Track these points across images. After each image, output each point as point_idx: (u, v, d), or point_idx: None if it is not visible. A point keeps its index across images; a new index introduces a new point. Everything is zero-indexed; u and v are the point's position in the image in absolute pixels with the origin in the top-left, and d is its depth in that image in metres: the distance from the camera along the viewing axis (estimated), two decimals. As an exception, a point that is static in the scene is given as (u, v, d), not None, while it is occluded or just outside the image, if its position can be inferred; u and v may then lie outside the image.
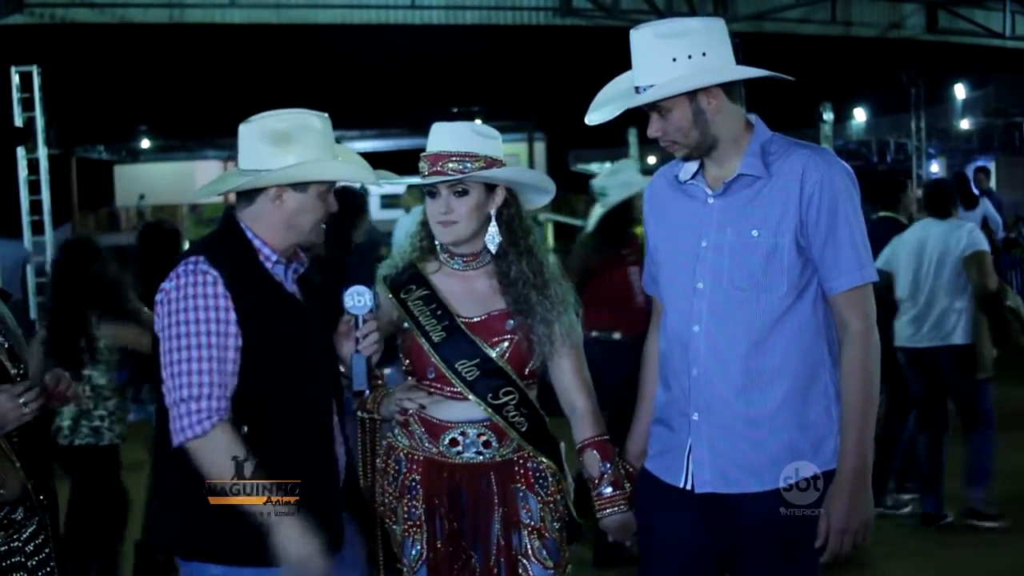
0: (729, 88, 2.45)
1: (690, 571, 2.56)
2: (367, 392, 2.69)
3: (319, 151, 2.46)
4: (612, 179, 5.33)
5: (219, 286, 2.35)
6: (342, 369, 2.62)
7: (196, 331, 2.33)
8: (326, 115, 2.52)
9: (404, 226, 8.99)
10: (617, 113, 2.50)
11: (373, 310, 2.57)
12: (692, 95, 2.41)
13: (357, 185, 4.84)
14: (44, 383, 2.43)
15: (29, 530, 2.38)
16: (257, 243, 2.48)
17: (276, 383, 2.42)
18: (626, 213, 5.20)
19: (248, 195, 2.49)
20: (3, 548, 2.32)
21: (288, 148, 2.43)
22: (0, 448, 2.30)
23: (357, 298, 2.55)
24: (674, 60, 2.39)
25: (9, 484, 2.33)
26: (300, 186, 2.45)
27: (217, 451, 2.31)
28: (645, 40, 2.43)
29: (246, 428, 2.37)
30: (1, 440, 2.29)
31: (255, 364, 2.39)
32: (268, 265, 2.48)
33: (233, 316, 2.35)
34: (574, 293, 2.84)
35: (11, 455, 2.32)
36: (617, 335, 5.10)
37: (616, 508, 2.70)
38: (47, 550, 2.43)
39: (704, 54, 2.40)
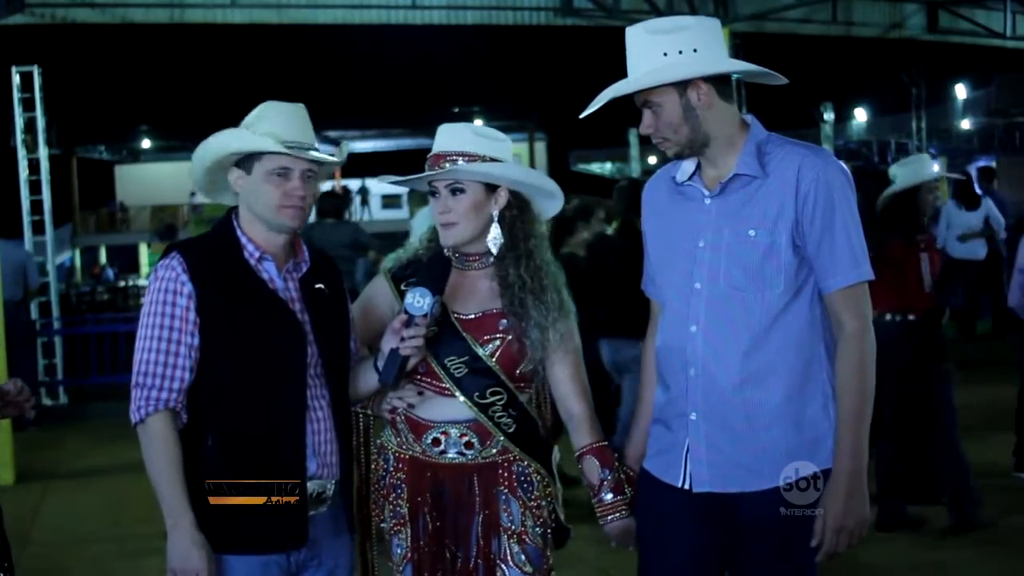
0: (721, 87, 2.45)
1: (690, 570, 2.56)
2: (392, 385, 2.70)
3: (272, 132, 2.51)
4: (903, 168, 5.63)
5: (185, 284, 2.46)
6: (379, 364, 2.63)
7: (153, 323, 2.47)
8: (299, 105, 2.58)
9: (416, 227, 8.97)
10: (603, 103, 2.50)
11: (428, 315, 2.59)
12: (681, 90, 2.42)
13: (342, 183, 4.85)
14: (3, 389, 2.44)
15: None
16: (243, 240, 2.56)
17: (237, 378, 2.48)
18: (911, 201, 5.47)
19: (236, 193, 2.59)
20: None
21: (242, 133, 2.53)
22: None
23: (419, 299, 2.58)
24: (665, 55, 2.40)
25: None
26: (247, 167, 2.54)
27: (148, 438, 2.45)
28: (638, 36, 2.45)
29: (210, 421, 2.47)
30: None
31: (219, 357, 2.47)
32: (252, 262, 2.54)
33: (192, 315, 2.46)
34: (572, 300, 2.83)
35: None
36: (909, 316, 5.40)
37: (618, 514, 2.70)
38: None
39: (695, 50, 2.41)
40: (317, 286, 2.63)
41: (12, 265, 9.25)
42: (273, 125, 2.52)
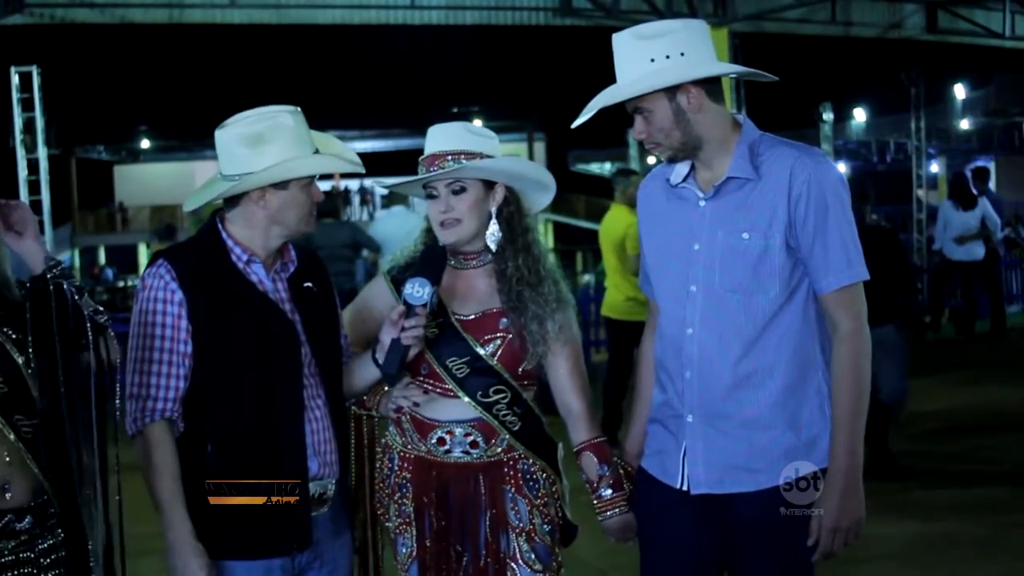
0: (710, 88, 2.45)
1: (689, 571, 2.57)
2: (394, 377, 2.69)
3: (295, 147, 2.51)
4: None
5: (175, 292, 2.45)
6: (378, 357, 2.64)
7: (144, 333, 2.47)
8: (298, 109, 2.56)
9: (387, 226, 8.93)
10: (593, 113, 2.51)
11: (427, 305, 2.59)
12: (671, 95, 2.42)
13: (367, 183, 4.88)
14: None
15: (48, 543, 2.27)
16: (230, 243, 2.54)
17: (234, 382, 2.48)
18: None
19: (233, 198, 2.54)
20: (10, 558, 2.21)
21: (264, 149, 2.48)
22: (8, 439, 2.18)
23: (418, 289, 2.58)
24: (652, 60, 2.40)
25: (16, 489, 2.21)
26: (281, 184, 2.51)
27: (145, 450, 2.44)
28: (625, 42, 2.44)
29: (208, 427, 2.47)
30: (5, 428, 2.18)
31: (214, 362, 2.46)
32: (240, 265, 2.53)
33: (184, 323, 2.45)
34: (570, 293, 2.84)
35: (25, 456, 2.20)
36: None
37: (617, 510, 2.71)
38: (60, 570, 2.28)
39: (683, 54, 2.40)
40: (306, 285, 2.63)
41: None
42: (301, 139, 2.52)
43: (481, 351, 2.71)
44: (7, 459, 2.20)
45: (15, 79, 11.63)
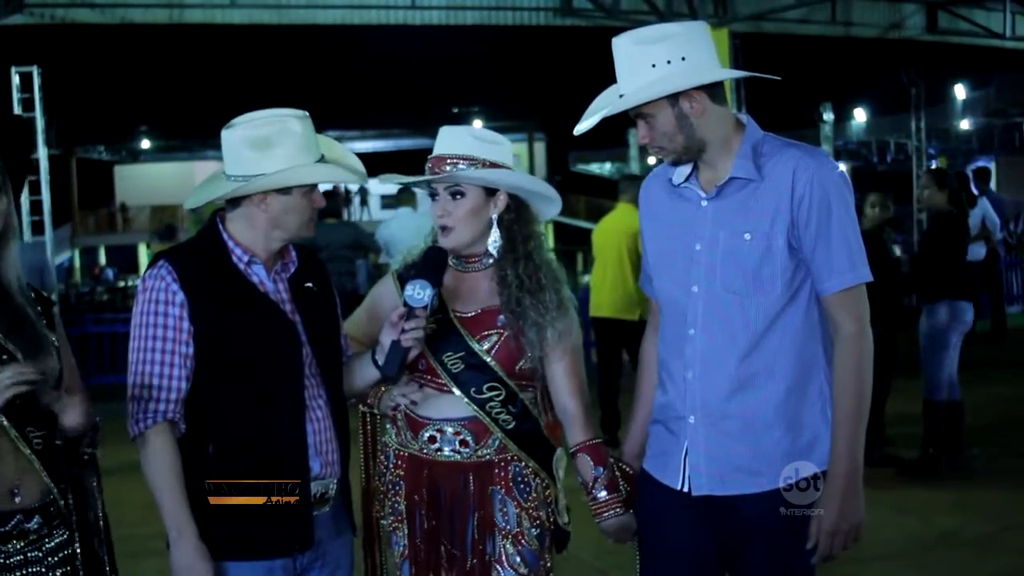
0: (712, 90, 2.44)
1: (690, 572, 2.56)
2: (393, 378, 2.69)
3: (301, 153, 2.50)
4: None
5: (176, 293, 2.45)
6: (378, 358, 2.64)
7: (145, 335, 2.45)
8: (306, 114, 2.56)
9: (393, 228, 8.94)
10: (597, 121, 2.50)
11: (427, 308, 2.59)
12: (674, 100, 2.41)
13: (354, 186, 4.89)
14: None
15: (55, 541, 2.30)
16: (231, 244, 2.54)
17: (235, 383, 2.48)
18: None
19: (235, 199, 2.55)
20: (18, 558, 2.23)
21: (270, 153, 2.48)
22: (20, 451, 2.21)
23: (418, 290, 2.58)
24: (653, 66, 2.39)
25: (27, 490, 2.24)
26: (284, 189, 2.51)
27: (148, 451, 2.43)
28: (625, 48, 2.43)
29: (209, 427, 2.47)
30: (19, 441, 2.20)
31: (216, 363, 2.46)
32: (241, 266, 2.54)
33: (185, 324, 2.45)
34: (573, 298, 2.84)
35: (31, 458, 2.23)
36: None
37: (612, 512, 2.70)
38: (74, 564, 2.33)
39: (684, 58, 2.39)
40: (306, 285, 2.64)
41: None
42: (308, 145, 2.52)
43: (476, 347, 2.71)
44: (18, 468, 2.22)
45: (15, 79, 11.65)
